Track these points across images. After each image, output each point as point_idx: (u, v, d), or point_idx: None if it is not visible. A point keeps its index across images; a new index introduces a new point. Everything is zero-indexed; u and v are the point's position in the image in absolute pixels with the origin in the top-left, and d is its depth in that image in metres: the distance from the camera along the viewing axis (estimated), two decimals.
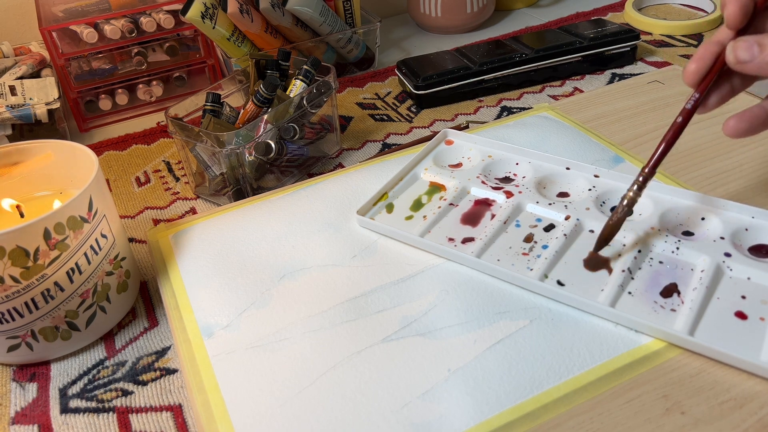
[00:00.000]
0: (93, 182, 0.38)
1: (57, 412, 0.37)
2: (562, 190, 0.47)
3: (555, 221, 0.44)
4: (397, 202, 0.47)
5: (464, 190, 0.47)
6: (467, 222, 0.44)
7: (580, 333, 0.36)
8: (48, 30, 0.61)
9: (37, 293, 0.37)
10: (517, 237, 0.43)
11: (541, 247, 0.41)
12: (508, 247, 0.42)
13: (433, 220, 0.45)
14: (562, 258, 0.41)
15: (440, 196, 0.47)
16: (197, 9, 0.60)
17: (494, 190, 0.47)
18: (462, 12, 0.80)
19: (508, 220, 0.44)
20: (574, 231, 0.43)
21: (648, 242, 0.41)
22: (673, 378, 0.34)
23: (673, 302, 0.37)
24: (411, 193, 0.48)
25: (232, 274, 0.42)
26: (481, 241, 0.42)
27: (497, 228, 0.43)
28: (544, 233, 0.43)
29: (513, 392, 0.33)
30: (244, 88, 0.58)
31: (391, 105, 0.66)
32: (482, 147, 0.52)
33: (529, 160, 0.49)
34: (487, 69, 0.64)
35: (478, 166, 0.50)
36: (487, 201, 0.46)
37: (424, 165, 0.50)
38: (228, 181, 0.52)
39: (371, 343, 0.37)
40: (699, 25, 0.76)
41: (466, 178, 0.48)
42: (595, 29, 0.68)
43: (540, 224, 0.44)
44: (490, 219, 0.45)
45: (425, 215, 0.45)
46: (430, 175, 0.50)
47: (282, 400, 0.34)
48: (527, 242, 0.42)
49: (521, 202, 0.45)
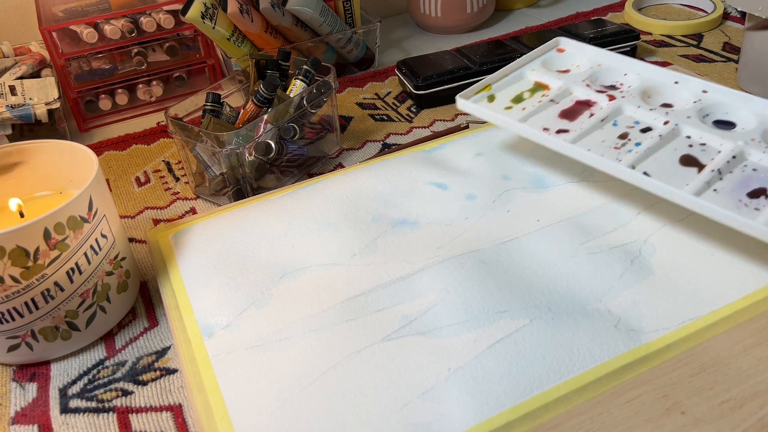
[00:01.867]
0: (93, 182, 0.38)
1: (57, 412, 0.37)
2: (666, 102, 0.47)
3: (653, 125, 0.44)
4: (499, 95, 0.50)
5: (567, 90, 0.49)
6: (565, 117, 0.46)
7: (580, 333, 0.36)
8: (48, 30, 0.61)
9: (37, 293, 0.37)
10: (612, 134, 0.44)
11: (634, 144, 0.42)
12: (600, 141, 0.43)
13: (531, 112, 0.47)
14: (653, 155, 0.41)
15: (542, 94, 0.49)
16: (197, 9, 0.60)
17: (597, 92, 0.48)
18: (462, 12, 0.80)
19: (605, 119, 0.45)
20: (671, 134, 0.43)
21: (745, 151, 0.41)
22: (673, 378, 0.34)
23: (759, 203, 0.37)
24: (514, 88, 0.50)
25: (232, 273, 0.42)
26: (575, 133, 0.44)
27: (593, 124, 0.45)
28: (639, 134, 0.43)
29: (513, 392, 0.33)
30: (244, 88, 0.58)
31: (391, 105, 0.66)
32: (594, 56, 0.52)
33: (638, 72, 0.50)
34: (487, 69, 0.64)
35: (585, 72, 0.51)
36: (588, 102, 0.48)
37: (531, 66, 0.52)
38: (228, 181, 0.52)
39: (371, 342, 0.37)
40: (699, 26, 0.76)
41: (571, 81, 0.50)
42: (595, 29, 0.68)
43: (637, 126, 0.44)
44: (588, 117, 0.46)
45: (524, 107, 0.47)
46: (536, 75, 0.51)
47: (282, 399, 0.34)
48: (621, 139, 0.43)
49: (622, 105, 0.46)
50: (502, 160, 0.51)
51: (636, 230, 0.43)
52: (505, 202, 0.47)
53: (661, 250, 0.41)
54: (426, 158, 0.52)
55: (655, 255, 0.41)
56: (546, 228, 0.44)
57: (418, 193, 0.48)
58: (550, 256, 0.42)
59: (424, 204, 0.47)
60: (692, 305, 0.37)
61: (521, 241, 0.43)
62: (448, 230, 0.45)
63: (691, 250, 0.41)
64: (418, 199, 0.48)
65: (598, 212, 0.45)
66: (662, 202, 0.46)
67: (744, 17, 0.73)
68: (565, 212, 0.45)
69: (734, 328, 0.36)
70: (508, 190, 0.48)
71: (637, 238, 0.43)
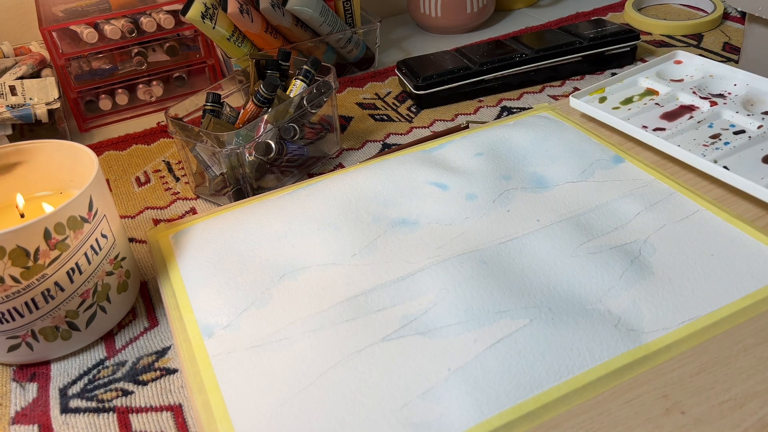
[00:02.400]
0: (93, 182, 0.38)
1: (57, 412, 0.37)
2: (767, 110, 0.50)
3: (747, 129, 0.49)
4: (611, 97, 0.55)
5: (673, 96, 0.54)
6: (665, 118, 0.51)
7: (580, 332, 0.36)
8: (48, 30, 0.61)
9: (37, 293, 0.37)
10: (705, 134, 0.48)
11: (723, 143, 0.47)
12: (692, 139, 0.48)
13: (635, 112, 0.53)
14: (738, 153, 0.44)
15: (650, 98, 0.55)
16: (197, 9, 0.60)
17: (702, 99, 0.52)
18: (462, 12, 0.80)
19: (702, 121, 0.50)
20: (761, 137, 0.46)
21: None
22: (673, 378, 0.34)
23: None
24: (626, 92, 0.56)
25: (232, 273, 0.42)
26: (670, 131, 0.49)
27: (690, 125, 0.50)
28: (731, 135, 0.46)
29: (513, 392, 0.33)
30: (244, 88, 0.58)
31: (391, 105, 0.66)
32: (708, 67, 0.57)
33: (747, 82, 0.53)
34: (487, 69, 0.64)
35: (697, 81, 0.56)
36: (692, 107, 0.52)
37: (645, 74, 0.58)
38: (228, 181, 0.52)
39: (371, 342, 0.37)
40: (699, 26, 0.76)
41: (680, 87, 0.55)
42: (595, 29, 0.68)
43: (731, 129, 0.49)
44: (687, 120, 0.51)
45: (630, 108, 0.53)
46: (649, 82, 0.57)
47: (282, 399, 0.34)
48: (712, 138, 0.47)
49: (721, 110, 0.50)
50: (502, 160, 0.51)
51: (636, 230, 0.43)
52: (505, 202, 0.47)
53: (661, 250, 0.41)
54: (426, 158, 0.52)
55: (655, 255, 0.41)
56: (546, 228, 0.44)
57: (418, 192, 0.48)
58: (550, 256, 0.42)
59: (424, 204, 0.47)
60: (692, 305, 0.38)
61: (521, 241, 0.43)
62: (448, 230, 0.45)
63: (691, 250, 0.41)
64: (418, 199, 0.48)
65: (599, 212, 0.45)
66: (662, 202, 0.46)
67: (744, 17, 0.73)
68: (565, 212, 0.45)
69: (734, 328, 0.36)
70: (508, 189, 0.48)
71: (637, 238, 0.43)
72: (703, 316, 0.37)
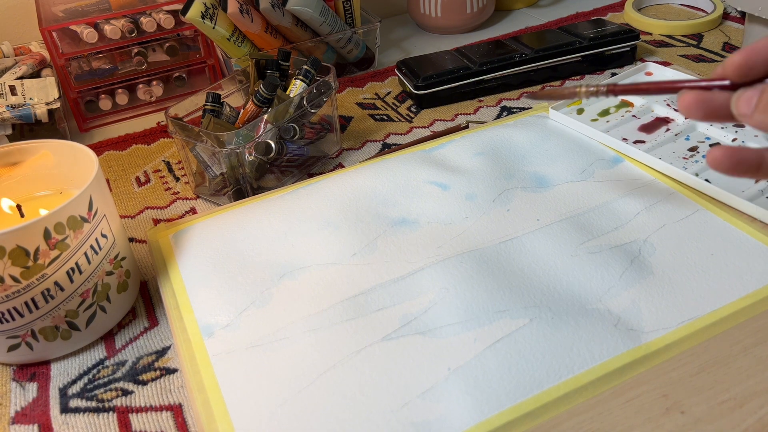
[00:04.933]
0: (93, 182, 0.38)
1: (57, 411, 0.37)
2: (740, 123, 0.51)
3: (722, 141, 0.51)
4: (588, 109, 0.57)
5: (648, 108, 0.56)
6: (643, 130, 0.53)
7: (579, 332, 0.36)
8: (48, 30, 0.61)
9: (37, 293, 0.37)
10: (683, 146, 0.50)
11: (701, 156, 0.49)
12: (672, 152, 0.50)
13: (614, 124, 0.55)
14: None
15: (626, 110, 0.57)
16: (197, 9, 0.60)
17: (676, 111, 0.54)
18: (462, 12, 0.80)
19: (679, 134, 0.52)
20: None
21: None
22: (673, 377, 0.34)
23: None
24: (602, 104, 0.58)
25: (232, 273, 0.42)
26: (650, 144, 0.51)
27: (668, 138, 0.52)
28: (708, 148, 0.47)
29: (513, 391, 0.33)
30: (244, 88, 0.58)
31: (391, 105, 0.66)
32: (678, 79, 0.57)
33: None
34: (487, 69, 0.64)
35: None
36: (667, 119, 0.54)
37: None
38: (228, 181, 0.52)
39: (371, 342, 0.37)
40: (699, 26, 0.76)
41: (653, 99, 0.57)
42: (594, 29, 0.68)
43: (707, 141, 0.51)
44: (664, 131, 0.53)
45: (608, 120, 0.55)
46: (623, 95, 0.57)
47: (282, 399, 0.34)
48: (690, 151, 0.50)
49: (696, 123, 0.51)
50: (502, 160, 0.51)
51: (636, 230, 0.43)
52: (505, 202, 0.47)
53: (660, 250, 0.41)
54: (426, 158, 0.52)
55: (655, 255, 0.41)
56: (546, 227, 0.44)
57: (418, 192, 0.48)
58: (550, 256, 0.42)
59: (424, 203, 0.47)
60: (692, 305, 0.38)
61: (521, 241, 0.43)
62: (448, 229, 0.45)
63: (691, 249, 0.41)
64: (418, 199, 0.48)
65: (598, 212, 0.45)
66: (662, 202, 0.46)
67: (744, 17, 0.73)
68: (565, 211, 0.45)
69: (734, 327, 0.36)
70: (507, 189, 0.48)
71: (636, 237, 0.43)
72: (703, 316, 0.37)
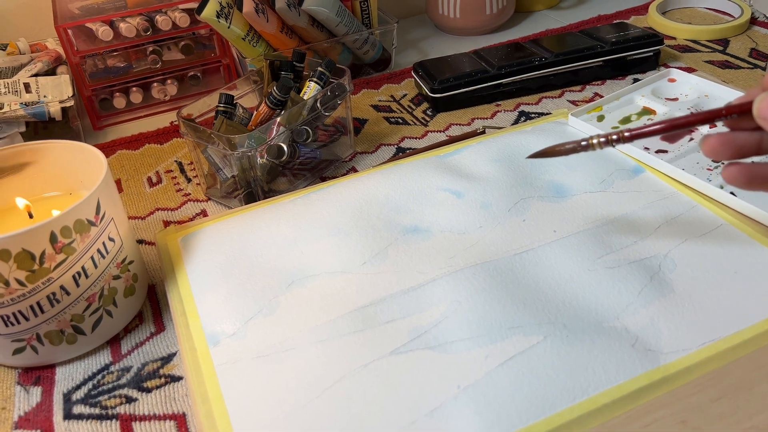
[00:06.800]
0: (101, 185, 0.38)
1: (60, 417, 0.36)
2: None
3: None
4: (609, 116, 0.55)
5: (672, 116, 0.54)
6: (666, 140, 0.51)
7: (595, 351, 0.35)
8: (64, 27, 0.61)
9: (42, 297, 0.36)
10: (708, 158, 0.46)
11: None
12: (695, 162, 0.48)
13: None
14: None
15: (648, 118, 0.54)
16: (212, 8, 0.59)
17: None
18: (481, 13, 0.79)
19: None
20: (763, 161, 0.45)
21: None
22: (692, 402, 0.32)
23: None
24: (623, 111, 0.56)
25: (240, 279, 0.42)
26: (673, 154, 0.49)
27: (692, 147, 0.50)
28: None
29: (525, 412, 0.32)
30: (258, 89, 0.57)
31: (407, 108, 0.65)
32: (702, 87, 0.57)
33: None
34: (505, 72, 0.63)
35: (692, 101, 0.55)
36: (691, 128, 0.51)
37: (641, 92, 0.57)
38: (239, 184, 0.51)
39: (379, 355, 0.36)
40: (725, 30, 0.74)
41: (677, 107, 0.55)
42: (617, 33, 0.66)
43: None
44: (687, 141, 0.50)
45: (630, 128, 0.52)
46: (645, 101, 0.57)
47: (286, 412, 0.33)
48: (715, 162, 0.47)
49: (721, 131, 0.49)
50: (519, 167, 0.50)
51: (656, 244, 0.42)
52: (521, 211, 0.46)
53: (682, 266, 0.40)
54: (441, 164, 0.51)
55: (675, 271, 0.40)
56: (563, 239, 0.43)
57: (432, 199, 0.47)
58: (567, 270, 0.40)
59: (437, 211, 0.46)
60: (714, 326, 0.36)
61: (536, 253, 0.42)
62: (461, 239, 0.44)
63: (714, 267, 0.40)
64: (432, 206, 0.47)
65: (618, 224, 0.44)
66: (684, 215, 0.44)
67: None
68: (583, 223, 0.44)
69: (757, 351, 0.35)
70: (524, 198, 0.47)
71: (657, 252, 0.41)
72: (726, 338, 0.35)
